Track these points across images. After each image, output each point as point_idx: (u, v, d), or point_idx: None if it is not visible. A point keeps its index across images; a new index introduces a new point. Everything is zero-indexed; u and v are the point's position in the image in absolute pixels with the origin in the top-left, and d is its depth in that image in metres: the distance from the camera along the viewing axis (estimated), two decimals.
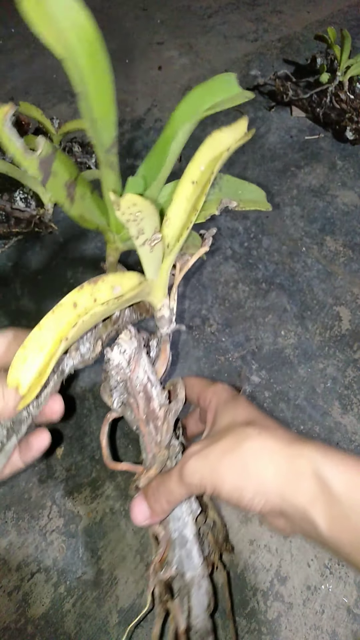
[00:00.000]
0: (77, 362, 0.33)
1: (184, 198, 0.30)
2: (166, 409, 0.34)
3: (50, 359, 0.24)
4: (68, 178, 0.32)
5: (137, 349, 0.34)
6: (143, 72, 0.99)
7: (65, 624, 0.41)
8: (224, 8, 1.17)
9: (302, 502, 0.25)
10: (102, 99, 0.29)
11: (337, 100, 0.80)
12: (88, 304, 0.26)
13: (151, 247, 0.28)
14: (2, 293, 0.65)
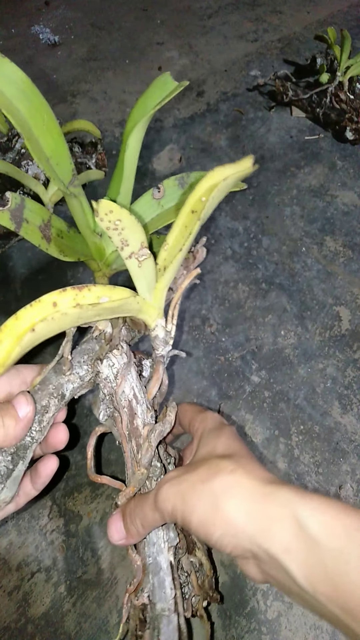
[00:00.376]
0: (77, 386, 0.33)
1: (183, 225, 0.31)
2: (150, 428, 0.33)
3: (15, 345, 0.25)
4: (40, 222, 0.34)
5: (125, 364, 0.34)
6: (143, 73, 0.99)
7: (65, 623, 0.42)
8: (224, 8, 1.17)
9: (276, 548, 0.22)
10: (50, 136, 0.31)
11: (337, 101, 0.80)
12: (68, 307, 0.27)
13: (139, 262, 0.29)
14: (3, 293, 0.65)
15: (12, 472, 0.28)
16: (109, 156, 0.82)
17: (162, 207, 0.42)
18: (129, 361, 0.34)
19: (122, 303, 0.29)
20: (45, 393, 0.31)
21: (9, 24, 1.17)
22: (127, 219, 0.26)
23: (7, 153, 0.70)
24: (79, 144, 0.76)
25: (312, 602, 0.22)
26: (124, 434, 0.34)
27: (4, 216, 0.31)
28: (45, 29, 1.13)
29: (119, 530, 0.31)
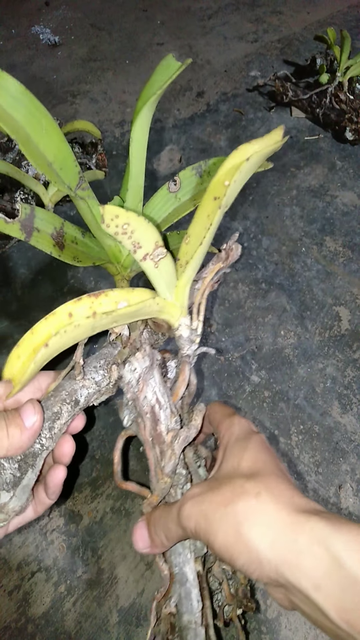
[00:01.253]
0: (92, 392, 0.31)
1: (205, 215, 0.29)
2: (174, 434, 0.31)
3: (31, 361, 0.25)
4: (52, 230, 0.34)
5: (147, 368, 0.32)
6: (143, 73, 0.99)
7: (65, 623, 0.42)
8: (224, 9, 1.17)
9: (306, 584, 0.21)
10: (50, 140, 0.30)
11: (336, 101, 0.80)
12: (82, 317, 0.25)
13: (155, 263, 0.27)
14: (3, 294, 0.65)
15: (21, 480, 0.27)
16: (109, 156, 0.82)
17: (179, 201, 0.40)
18: (152, 364, 0.33)
19: (140, 307, 0.27)
20: (58, 399, 0.30)
21: (9, 24, 1.17)
22: (135, 221, 0.25)
23: (7, 153, 0.70)
24: (79, 145, 0.76)
25: (345, 638, 0.21)
26: (147, 440, 0.32)
27: (14, 227, 0.31)
28: (46, 30, 1.13)
29: (144, 539, 0.30)
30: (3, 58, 1.06)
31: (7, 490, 0.26)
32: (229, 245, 0.35)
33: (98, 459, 0.50)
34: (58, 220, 0.34)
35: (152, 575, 0.44)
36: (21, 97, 0.28)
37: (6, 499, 0.26)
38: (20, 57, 1.06)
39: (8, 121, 0.27)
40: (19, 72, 1.02)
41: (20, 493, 0.27)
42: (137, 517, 0.46)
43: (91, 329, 0.27)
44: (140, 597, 0.43)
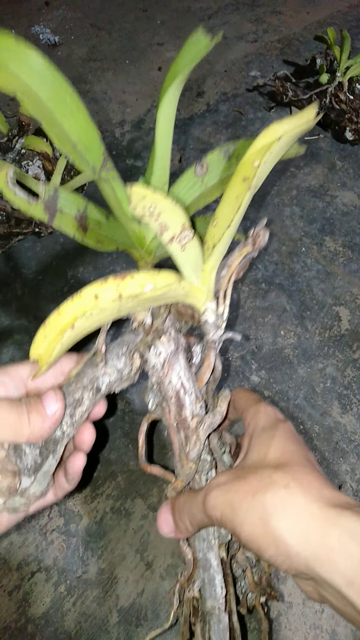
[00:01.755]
0: (114, 379, 0.31)
1: (234, 197, 0.28)
2: (199, 420, 0.31)
3: (57, 342, 0.25)
4: (76, 212, 0.33)
5: (173, 352, 0.32)
6: (143, 73, 0.99)
7: (65, 623, 0.42)
8: (224, 9, 1.17)
9: (338, 580, 0.20)
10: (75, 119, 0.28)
11: (336, 101, 0.80)
12: (108, 300, 0.25)
13: (182, 246, 0.27)
14: (3, 293, 0.65)
15: (42, 466, 0.27)
16: None
17: (206, 185, 0.39)
18: (177, 349, 0.32)
19: (166, 290, 0.26)
20: (79, 386, 0.29)
21: (9, 24, 1.17)
22: (162, 202, 0.24)
23: (7, 153, 0.70)
24: None
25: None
26: (172, 425, 0.32)
27: (38, 208, 0.30)
28: (46, 30, 1.13)
29: (168, 524, 0.30)
30: None
31: (28, 476, 0.26)
32: (256, 231, 0.34)
33: (98, 458, 0.50)
34: (82, 202, 0.33)
35: (152, 575, 0.44)
36: (45, 72, 0.26)
37: (27, 484, 0.26)
38: None
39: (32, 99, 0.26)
40: None
41: (41, 478, 0.27)
42: (137, 517, 0.47)
43: (117, 312, 0.27)
44: (140, 597, 0.43)
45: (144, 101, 0.93)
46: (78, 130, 0.28)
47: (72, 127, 0.28)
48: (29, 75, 0.26)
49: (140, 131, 0.86)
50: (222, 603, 0.30)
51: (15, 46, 0.24)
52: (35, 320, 0.61)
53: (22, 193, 0.29)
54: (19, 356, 0.59)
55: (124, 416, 0.53)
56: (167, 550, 0.45)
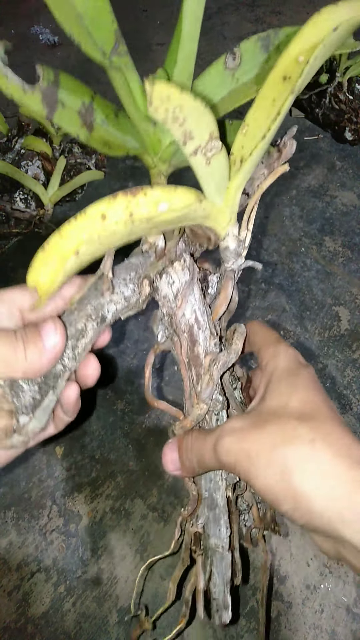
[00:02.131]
0: (121, 307, 0.28)
1: (270, 99, 0.23)
2: (212, 358, 0.29)
3: (59, 269, 0.22)
4: (80, 105, 0.28)
5: (187, 282, 0.29)
6: (143, 74, 0.99)
7: (65, 623, 0.42)
8: (224, 9, 1.17)
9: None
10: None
11: (336, 101, 0.80)
12: (117, 221, 0.21)
13: (207, 159, 0.23)
14: None
15: (41, 403, 0.25)
16: (108, 156, 0.82)
17: (238, 81, 0.32)
18: (192, 279, 0.30)
19: (185, 212, 0.23)
20: (82, 314, 0.26)
21: (8, 24, 1.17)
22: (189, 104, 0.20)
23: (6, 153, 0.70)
24: (79, 145, 0.76)
25: None
26: (183, 361, 0.30)
27: (35, 99, 0.25)
28: (45, 30, 1.13)
29: (174, 462, 0.29)
30: None
31: (25, 414, 0.24)
32: (284, 140, 0.30)
33: (98, 459, 0.50)
34: (87, 93, 0.28)
35: (152, 575, 0.44)
36: None
37: (25, 421, 0.24)
38: (20, 57, 1.06)
39: None
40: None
41: (40, 415, 0.25)
42: (137, 517, 0.47)
43: (127, 236, 0.23)
44: (140, 597, 0.43)
45: None
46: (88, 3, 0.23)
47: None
48: None
49: None
50: (226, 542, 0.30)
51: None
52: None
53: (16, 78, 0.24)
54: None
55: (123, 416, 0.53)
56: (167, 550, 0.45)
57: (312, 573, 0.43)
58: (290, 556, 0.44)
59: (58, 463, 0.50)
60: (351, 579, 0.43)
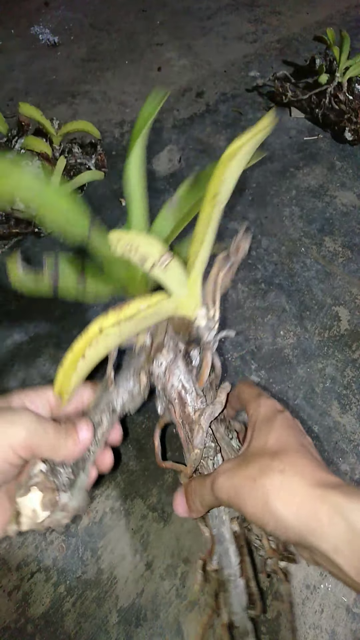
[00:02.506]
0: (127, 398, 0.36)
1: (206, 213, 0.31)
2: (200, 412, 0.35)
3: (72, 374, 0.30)
4: (76, 275, 0.39)
5: (172, 360, 0.37)
6: (143, 73, 0.99)
7: (65, 623, 0.42)
8: (223, 9, 1.17)
9: (326, 548, 0.24)
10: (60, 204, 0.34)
11: (336, 101, 0.80)
12: (109, 327, 0.29)
13: (163, 268, 0.30)
14: (2, 293, 0.65)
15: (76, 482, 0.31)
16: (108, 156, 0.82)
17: (181, 211, 0.43)
18: (175, 356, 0.37)
19: (157, 307, 0.31)
20: (98, 410, 0.35)
21: (8, 24, 1.17)
22: (136, 238, 0.28)
23: (6, 153, 0.70)
24: (78, 145, 0.76)
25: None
26: (178, 422, 0.36)
27: (45, 282, 0.38)
28: (45, 30, 1.13)
29: (182, 506, 0.34)
30: (2, 58, 1.06)
31: (64, 491, 0.30)
32: (237, 241, 0.38)
33: None
34: (78, 267, 0.40)
35: (152, 575, 0.44)
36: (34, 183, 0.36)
37: (66, 499, 0.30)
38: (20, 57, 1.06)
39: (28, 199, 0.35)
40: (19, 73, 1.02)
41: (77, 493, 0.32)
42: (137, 517, 0.47)
43: (119, 337, 0.31)
44: (139, 598, 0.43)
45: (143, 101, 0.93)
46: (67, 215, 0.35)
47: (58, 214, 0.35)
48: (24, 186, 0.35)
49: None
50: (237, 570, 0.33)
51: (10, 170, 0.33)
52: (34, 321, 0.61)
53: (30, 274, 0.37)
54: (18, 356, 0.59)
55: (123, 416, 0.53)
56: (167, 550, 0.45)
57: (312, 573, 0.43)
58: None
59: None
60: None
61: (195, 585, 0.36)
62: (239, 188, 0.75)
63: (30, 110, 0.68)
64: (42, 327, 0.60)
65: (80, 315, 0.62)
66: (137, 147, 0.39)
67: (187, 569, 0.44)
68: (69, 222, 0.35)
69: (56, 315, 0.61)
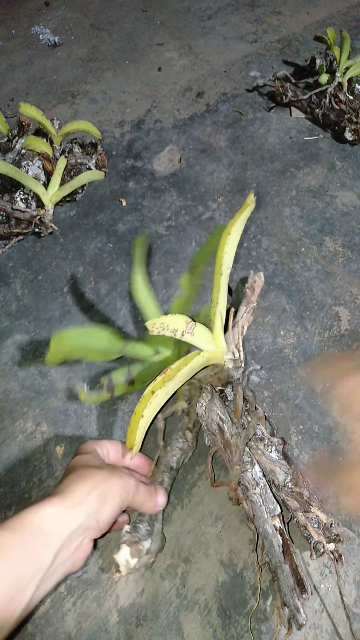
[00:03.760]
0: (179, 455, 0.46)
1: (217, 284, 0.44)
2: (237, 436, 0.43)
3: (137, 430, 0.40)
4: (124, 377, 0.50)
5: (209, 400, 0.46)
6: (143, 73, 0.99)
7: (65, 623, 0.42)
8: (224, 9, 1.17)
9: None
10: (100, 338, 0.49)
11: (336, 101, 0.80)
12: (159, 387, 0.40)
13: (191, 334, 0.40)
14: (3, 293, 0.65)
15: (153, 531, 0.41)
16: (108, 157, 0.82)
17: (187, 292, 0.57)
18: (212, 397, 0.46)
19: (192, 364, 0.41)
20: (159, 471, 0.45)
21: (9, 24, 1.17)
22: (166, 318, 0.37)
23: (7, 154, 0.70)
24: (79, 145, 0.76)
25: None
26: (220, 448, 0.45)
27: (106, 395, 0.49)
28: (46, 30, 1.13)
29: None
30: (3, 58, 1.06)
31: (145, 540, 0.40)
32: (251, 281, 0.50)
33: None
34: (125, 370, 0.51)
35: (152, 575, 0.44)
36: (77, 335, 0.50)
37: (148, 545, 0.40)
38: (20, 57, 1.06)
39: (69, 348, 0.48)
40: (20, 72, 1.02)
41: (155, 538, 0.41)
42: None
43: (166, 394, 0.41)
44: (140, 597, 0.43)
45: (144, 101, 0.93)
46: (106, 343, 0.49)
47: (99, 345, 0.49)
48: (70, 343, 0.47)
49: (140, 131, 0.87)
50: (281, 557, 0.39)
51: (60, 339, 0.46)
52: (35, 320, 0.61)
53: (93, 393, 0.51)
54: (19, 356, 0.59)
55: (123, 416, 0.54)
56: (167, 550, 0.45)
57: (312, 572, 0.43)
58: None
59: (58, 463, 0.50)
60: (351, 579, 0.43)
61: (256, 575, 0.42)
62: (239, 188, 0.75)
63: (31, 110, 0.68)
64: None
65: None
66: (139, 267, 0.51)
67: (187, 569, 0.44)
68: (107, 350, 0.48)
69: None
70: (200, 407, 0.46)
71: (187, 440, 0.46)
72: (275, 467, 0.44)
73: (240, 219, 0.43)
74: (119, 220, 0.73)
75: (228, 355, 0.45)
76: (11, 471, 0.50)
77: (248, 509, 0.42)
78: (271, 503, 0.42)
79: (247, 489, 0.42)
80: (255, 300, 0.54)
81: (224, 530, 0.46)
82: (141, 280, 0.51)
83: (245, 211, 0.44)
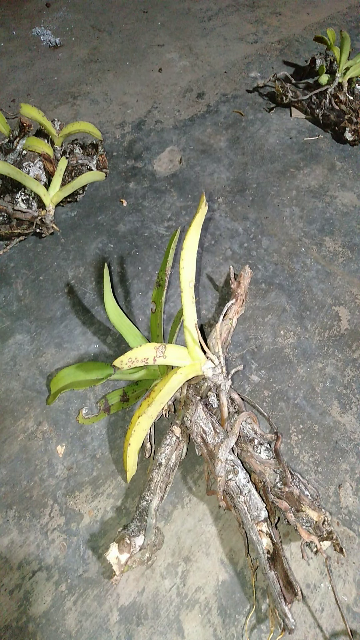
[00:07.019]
0: (169, 451, 0.47)
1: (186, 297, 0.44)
2: (218, 446, 0.43)
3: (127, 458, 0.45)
4: (119, 397, 0.53)
5: (194, 411, 0.46)
6: (144, 74, 1.00)
7: (66, 622, 0.42)
8: (224, 10, 1.17)
9: None
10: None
11: (336, 102, 0.80)
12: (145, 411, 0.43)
13: (163, 356, 0.41)
14: (4, 293, 0.65)
15: (145, 526, 0.42)
16: (109, 157, 0.82)
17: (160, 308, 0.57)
18: (196, 408, 0.46)
19: (171, 382, 0.42)
20: (150, 470, 0.47)
21: (10, 25, 1.17)
22: (131, 353, 0.39)
23: (8, 154, 0.70)
24: (80, 146, 0.76)
25: None
26: (206, 458, 0.45)
27: (103, 415, 0.52)
28: (47, 31, 1.14)
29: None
30: (4, 60, 1.07)
31: (136, 536, 0.41)
32: (236, 281, 0.54)
33: (99, 458, 0.51)
34: (120, 392, 0.53)
35: (153, 574, 0.44)
36: None
37: (141, 541, 0.41)
38: (22, 58, 1.07)
39: None
40: (21, 73, 1.02)
41: (149, 533, 0.42)
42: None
43: (150, 418, 0.43)
44: (140, 596, 0.43)
45: (144, 102, 0.93)
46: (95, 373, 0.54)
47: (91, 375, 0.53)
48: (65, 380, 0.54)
49: (141, 132, 0.87)
50: (266, 564, 0.40)
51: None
52: (36, 320, 0.62)
53: (90, 412, 0.53)
54: (20, 356, 0.59)
55: (124, 416, 0.54)
56: (167, 549, 0.45)
57: (312, 572, 0.43)
58: (290, 555, 0.44)
59: (59, 462, 0.50)
60: (351, 578, 0.43)
61: (251, 579, 0.43)
62: (240, 189, 0.76)
63: (32, 111, 0.69)
64: None
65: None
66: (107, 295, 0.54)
67: (187, 568, 0.44)
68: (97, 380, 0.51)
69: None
70: (187, 420, 0.46)
71: (175, 435, 0.47)
72: (265, 467, 0.44)
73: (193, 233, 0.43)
74: (120, 220, 0.73)
75: (207, 365, 0.45)
76: (12, 470, 0.50)
77: (236, 515, 0.43)
78: (255, 510, 0.42)
79: (232, 498, 0.43)
80: (244, 292, 0.57)
81: (224, 529, 0.46)
82: (112, 308, 0.54)
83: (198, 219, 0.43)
